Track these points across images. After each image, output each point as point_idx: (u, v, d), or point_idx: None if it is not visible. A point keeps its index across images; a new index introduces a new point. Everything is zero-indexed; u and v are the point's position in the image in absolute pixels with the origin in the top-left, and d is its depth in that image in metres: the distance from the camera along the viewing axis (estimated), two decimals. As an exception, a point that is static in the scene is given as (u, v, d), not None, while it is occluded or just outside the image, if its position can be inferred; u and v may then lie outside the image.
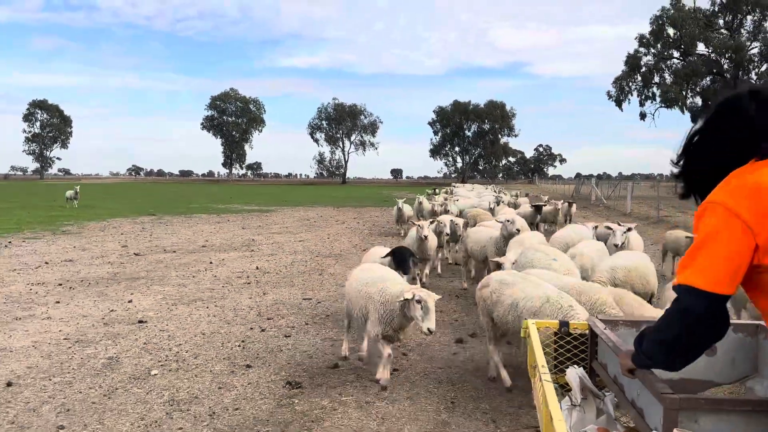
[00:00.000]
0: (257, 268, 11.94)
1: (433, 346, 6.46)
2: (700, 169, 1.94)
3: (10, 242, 15.71)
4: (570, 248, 7.26)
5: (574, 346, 2.91)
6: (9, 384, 5.26)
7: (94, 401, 4.91)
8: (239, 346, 6.50)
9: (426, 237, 9.26)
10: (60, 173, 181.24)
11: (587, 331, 2.85)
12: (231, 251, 14.51)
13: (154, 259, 12.96)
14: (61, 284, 9.97)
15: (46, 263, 12.24)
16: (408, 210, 18.27)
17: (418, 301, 4.76)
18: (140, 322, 7.52)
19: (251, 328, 7.22)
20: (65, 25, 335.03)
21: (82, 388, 5.22)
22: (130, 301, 8.69)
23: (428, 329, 4.72)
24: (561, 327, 2.93)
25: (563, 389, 2.68)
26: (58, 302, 8.60)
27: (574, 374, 2.51)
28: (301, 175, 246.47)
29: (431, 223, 10.69)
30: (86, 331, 7.08)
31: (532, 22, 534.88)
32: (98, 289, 9.56)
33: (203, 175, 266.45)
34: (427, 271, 10.20)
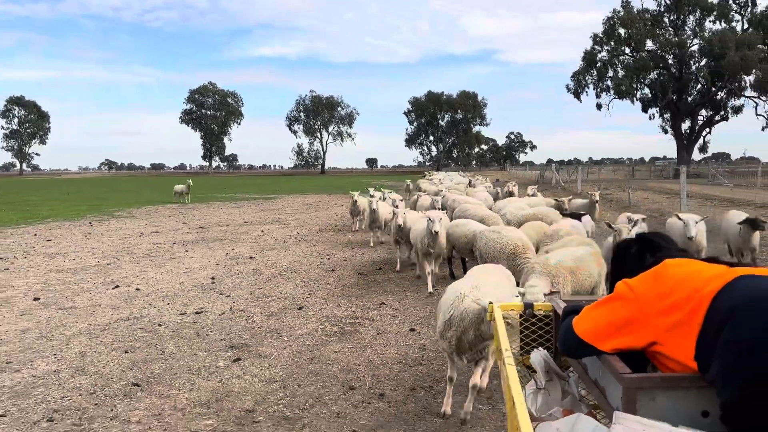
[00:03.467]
0: (298, 233, 16.75)
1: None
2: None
3: (91, 223, 20.24)
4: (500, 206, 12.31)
5: (539, 328, 2.97)
6: (213, 279, 10.06)
7: (264, 283, 9.74)
8: (320, 264, 11.38)
9: (437, 232, 8.52)
10: (28, 169, 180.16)
11: (551, 313, 2.92)
12: (269, 224, 19.26)
13: (219, 230, 17.69)
14: (174, 243, 14.70)
15: (142, 234, 16.88)
16: (363, 202, 16.01)
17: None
18: (250, 258, 12.33)
19: (321, 259, 12.07)
20: (27, 17, 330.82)
21: (253, 279, 10.03)
22: (232, 249, 13.48)
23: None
24: (525, 309, 2.99)
25: (530, 371, 2.70)
26: (187, 251, 13.35)
27: (538, 357, 2.56)
28: (275, 166, 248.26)
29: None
30: (223, 261, 11.88)
31: (502, 9, 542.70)
32: (203, 245, 14.31)
33: (175, 168, 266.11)
34: (435, 269, 9.18)
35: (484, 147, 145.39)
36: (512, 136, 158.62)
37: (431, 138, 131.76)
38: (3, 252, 13.36)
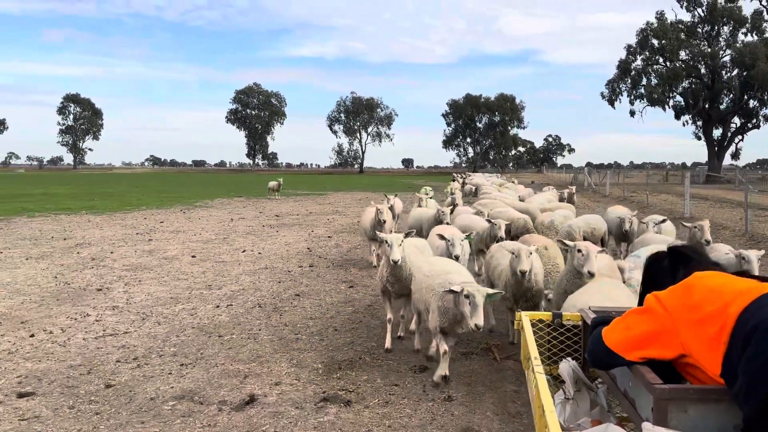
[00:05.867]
0: (358, 221, 20.19)
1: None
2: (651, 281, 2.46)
3: (183, 211, 24.15)
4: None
5: (567, 338, 2.98)
6: (309, 249, 13.61)
7: (347, 252, 13.22)
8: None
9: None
10: (71, 163, 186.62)
11: (580, 323, 2.95)
12: (331, 215, 22.85)
13: (292, 218, 21.35)
14: (263, 226, 18.38)
15: (232, 219, 20.63)
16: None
17: (467, 296, 4.65)
18: (328, 237, 15.88)
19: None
20: (75, 15, 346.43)
21: (337, 249, 13.53)
22: (312, 231, 17.07)
23: (475, 325, 4.61)
24: (554, 318, 3.00)
25: (557, 380, 2.71)
26: (277, 231, 16.99)
27: (567, 367, 2.58)
28: (312, 164, 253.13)
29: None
30: (309, 239, 15.45)
31: (540, 9, 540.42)
32: (287, 228, 17.94)
33: (216, 164, 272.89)
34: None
35: (522, 149, 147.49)
36: (550, 139, 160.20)
37: (468, 140, 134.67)
38: (135, 229, 17.22)
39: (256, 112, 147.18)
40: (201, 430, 4.35)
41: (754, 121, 58.47)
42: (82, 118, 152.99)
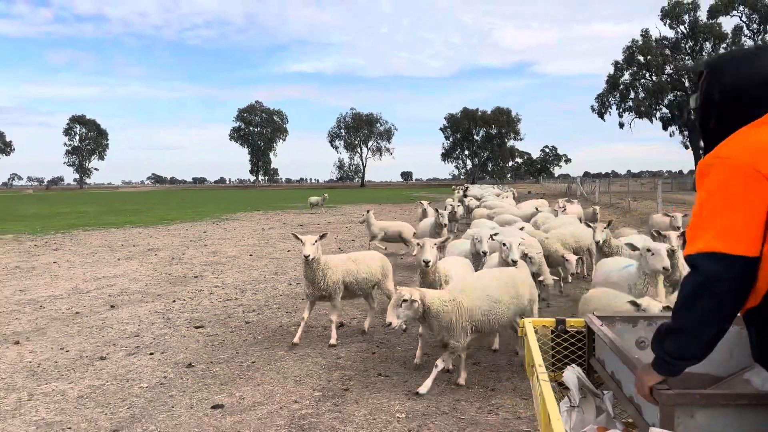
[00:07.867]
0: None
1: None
2: (708, 127, 1.92)
3: (215, 222, 27.24)
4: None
5: (571, 344, 2.97)
6: (339, 248, 16.66)
7: (374, 249, 16.28)
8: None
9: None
10: (74, 183, 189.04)
11: (584, 329, 2.93)
12: (348, 224, 25.92)
13: (314, 227, 24.41)
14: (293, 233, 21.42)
15: (263, 229, 23.69)
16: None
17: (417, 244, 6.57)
18: (352, 240, 18.91)
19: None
20: (75, 36, 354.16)
21: (364, 249, 16.58)
22: (337, 236, 20.13)
23: (423, 261, 6.15)
24: (558, 325, 2.98)
25: (562, 387, 2.69)
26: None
27: (571, 374, 2.54)
28: (311, 179, 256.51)
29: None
30: (338, 241, 18.50)
31: (535, 21, 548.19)
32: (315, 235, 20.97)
33: (216, 181, 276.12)
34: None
35: (519, 161, 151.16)
36: (546, 150, 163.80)
37: (466, 152, 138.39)
38: (186, 237, 20.28)
39: (258, 129, 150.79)
40: (318, 337, 7.42)
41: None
42: (87, 139, 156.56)
